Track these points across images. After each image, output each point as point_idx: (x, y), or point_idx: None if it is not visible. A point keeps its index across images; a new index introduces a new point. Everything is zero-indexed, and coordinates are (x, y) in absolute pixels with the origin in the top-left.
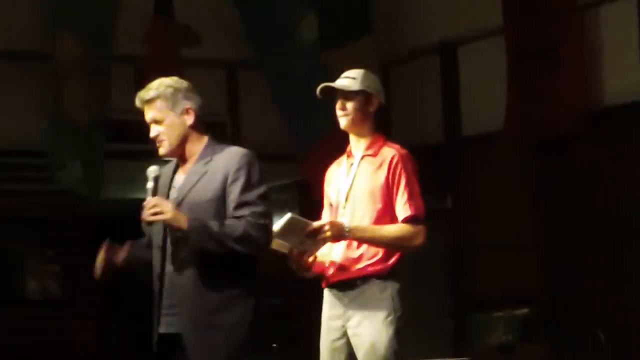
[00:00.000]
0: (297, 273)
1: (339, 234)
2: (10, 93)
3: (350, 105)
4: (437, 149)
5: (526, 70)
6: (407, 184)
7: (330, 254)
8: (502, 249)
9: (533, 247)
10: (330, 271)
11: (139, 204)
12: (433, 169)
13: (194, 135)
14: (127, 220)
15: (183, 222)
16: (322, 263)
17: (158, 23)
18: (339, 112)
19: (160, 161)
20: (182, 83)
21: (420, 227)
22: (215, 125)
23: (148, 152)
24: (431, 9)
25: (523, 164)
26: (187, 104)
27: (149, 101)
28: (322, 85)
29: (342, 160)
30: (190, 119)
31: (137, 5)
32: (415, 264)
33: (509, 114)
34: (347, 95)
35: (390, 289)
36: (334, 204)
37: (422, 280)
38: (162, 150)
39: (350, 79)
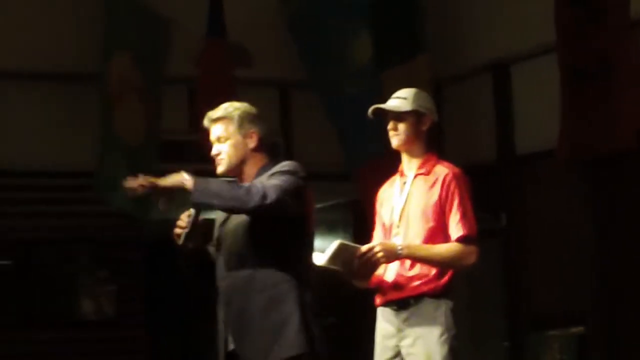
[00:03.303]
0: (355, 283)
1: (392, 253)
2: (63, 114)
3: (401, 125)
4: (490, 167)
5: (580, 87)
6: (460, 203)
7: (384, 272)
8: (557, 267)
9: (588, 264)
10: (384, 290)
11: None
12: (486, 188)
13: (254, 158)
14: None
15: (188, 181)
16: (379, 276)
17: (211, 44)
18: (390, 133)
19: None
20: (251, 109)
21: (473, 247)
22: (268, 146)
23: (200, 172)
24: (484, 28)
25: (577, 182)
26: (252, 129)
27: (217, 120)
28: (373, 107)
29: (395, 179)
30: (252, 143)
31: (190, 26)
32: (470, 283)
33: (562, 131)
34: (398, 115)
35: (443, 307)
36: (387, 224)
37: (477, 299)
38: (220, 168)
39: (401, 99)
